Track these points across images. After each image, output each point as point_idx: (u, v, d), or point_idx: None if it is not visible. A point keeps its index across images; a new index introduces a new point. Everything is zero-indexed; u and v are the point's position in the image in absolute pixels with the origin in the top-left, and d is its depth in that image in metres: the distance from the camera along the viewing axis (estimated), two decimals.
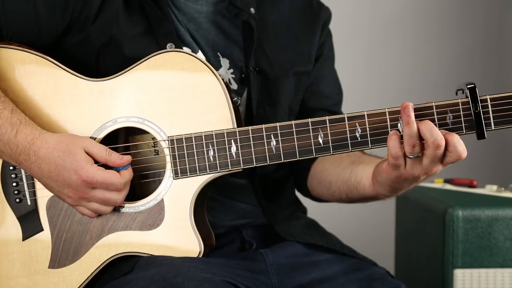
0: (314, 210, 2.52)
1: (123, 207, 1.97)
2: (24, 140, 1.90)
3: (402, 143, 1.87)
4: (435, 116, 1.88)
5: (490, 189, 2.98)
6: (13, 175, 2.00)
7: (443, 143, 1.83)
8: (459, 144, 1.84)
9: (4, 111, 1.91)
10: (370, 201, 2.13)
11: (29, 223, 2.01)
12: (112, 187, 1.91)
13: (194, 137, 1.94)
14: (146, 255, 1.96)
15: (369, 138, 1.90)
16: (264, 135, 1.92)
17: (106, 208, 1.94)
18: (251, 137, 1.93)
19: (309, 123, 1.92)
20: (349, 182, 2.11)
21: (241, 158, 1.93)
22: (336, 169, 2.18)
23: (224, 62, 2.15)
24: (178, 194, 1.96)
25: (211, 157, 1.94)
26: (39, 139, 1.90)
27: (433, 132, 1.83)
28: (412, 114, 1.84)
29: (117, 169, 1.93)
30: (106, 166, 1.93)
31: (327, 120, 1.91)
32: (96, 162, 1.92)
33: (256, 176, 2.14)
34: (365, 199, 2.11)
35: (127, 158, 1.94)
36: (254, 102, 2.14)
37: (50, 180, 1.92)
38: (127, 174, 1.94)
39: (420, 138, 1.85)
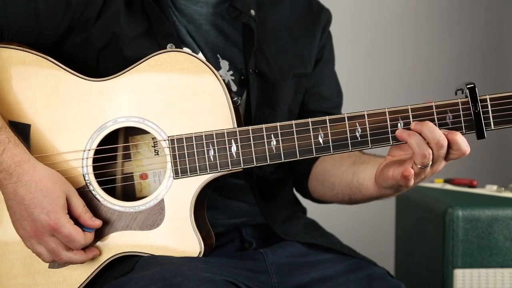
0: (314, 210, 2.52)
1: (124, 207, 1.97)
2: (10, 160, 1.87)
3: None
4: (435, 116, 1.88)
5: (490, 189, 2.99)
6: None
7: (445, 143, 1.85)
8: (462, 142, 1.86)
9: None
10: (373, 200, 2.14)
11: None
12: (71, 244, 1.91)
13: (194, 137, 1.94)
14: (146, 255, 1.96)
15: (369, 138, 1.91)
16: (265, 135, 1.93)
17: (48, 257, 1.93)
18: (251, 137, 1.93)
19: (309, 123, 1.92)
20: (351, 185, 2.12)
21: (241, 158, 1.93)
22: (338, 171, 2.19)
23: (224, 64, 2.15)
24: (178, 194, 1.96)
25: (211, 156, 1.94)
26: (27, 163, 1.88)
27: (434, 133, 1.85)
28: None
29: (83, 227, 1.93)
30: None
31: (327, 120, 1.92)
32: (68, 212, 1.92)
33: (254, 177, 2.14)
34: (368, 200, 2.12)
35: (98, 223, 1.94)
36: (253, 104, 2.14)
37: (18, 206, 1.89)
38: (89, 237, 1.93)
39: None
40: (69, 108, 1.97)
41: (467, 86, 1.88)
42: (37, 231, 1.89)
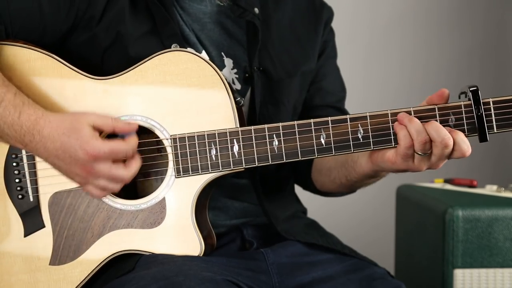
0: (314, 210, 2.52)
1: (125, 205, 1.98)
2: (28, 121, 1.89)
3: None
4: (438, 118, 1.89)
5: (490, 189, 2.99)
6: (16, 171, 2.00)
7: (451, 142, 1.85)
8: (463, 143, 1.87)
9: (7, 93, 1.91)
10: (369, 180, 2.15)
11: (31, 219, 2.01)
12: (121, 155, 1.89)
13: (197, 136, 1.94)
14: (147, 253, 1.97)
15: (371, 140, 1.91)
16: (267, 135, 1.93)
17: (114, 185, 1.92)
18: (253, 137, 1.93)
19: (312, 123, 1.92)
20: (346, 164, 2.12)
21: (243, 158, 1.94)
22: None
23: (228, 62, 2.16)
24: (179, 193, 1.96)
25: (213, 156, 1.94)
26: (42, 118, 1.89)
27: (440, 132, 1.85)
28: (407, 115, 1.88)
29: (122, 137, 1.92)
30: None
31: (330, 121, 1.92)
32: (102, 134, 1.91)
33: (257, 176, 2.15)
34: (364, 178, 2.11)
35: (134, 125, 1.92)
36: (257, 101, 2.14)
37: (57, 159, 1.91)
38: (133, 140, 1.91)
39: None
40: (73, 106, 1.98)
41: (470, 89, 1.88)
42: (86, 167, 1.89)
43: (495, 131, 1.88)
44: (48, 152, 1.91)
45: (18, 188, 2.01)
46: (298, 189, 2.40)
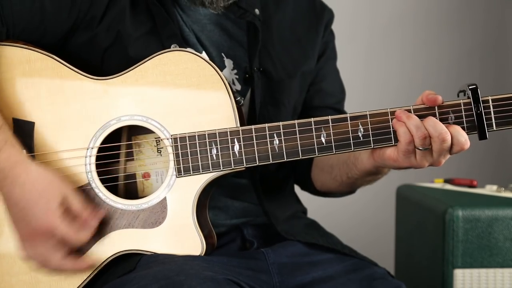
0: (314, 210, 2.52)
1: (127, 205, 1.98)
2: (6, 161, 1.87)
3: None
4: (437, 117, 1.89)
5: (490, 189, 2.99)
6: None
7: (448, 137, 1.86)
8: (460, 136, 1.87)
9: None
10: (371, 178, 2.15)
11: None
12: (67, 244, 1.90)
13: (197, 135, 1.94)
14: (148, 253, 1.96)
15: (371, 138, 1.91)
16: (267, 134, 1.93)
17: (39, 261, 1.92)
18: (254, 136, 1.93)
19: (312, 122, 1.93)
20: (348, 161, 2.12)
21: (244, 157, 1.94)
22: None
23: (228, 63, 2.16)
24: (180, 192, 1.96)
25: (214, 155, 1.94)
26: (22, 164, 1.88)
27: (436, 127, 1.86)
28: (405, 112, 1.89)
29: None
30: None
31: (330, 120, 1.92)
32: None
33: (257, 176, 2.15)
34: (366, 175, 2.11)
35: (95, 223, 1.92)
36: (257, 102, 2.14)
37: (12, 207, 1.90)
38: (84, 237, 1.91)
39: None
40: (73, 106, 1.98)
41: (469, 87, 1.88)
42: (31, 233, 1.89)
43: (494, 129, 1.89)
44: (11, 196, 1.89)
45: None
46: (298, 189, 2.40)
